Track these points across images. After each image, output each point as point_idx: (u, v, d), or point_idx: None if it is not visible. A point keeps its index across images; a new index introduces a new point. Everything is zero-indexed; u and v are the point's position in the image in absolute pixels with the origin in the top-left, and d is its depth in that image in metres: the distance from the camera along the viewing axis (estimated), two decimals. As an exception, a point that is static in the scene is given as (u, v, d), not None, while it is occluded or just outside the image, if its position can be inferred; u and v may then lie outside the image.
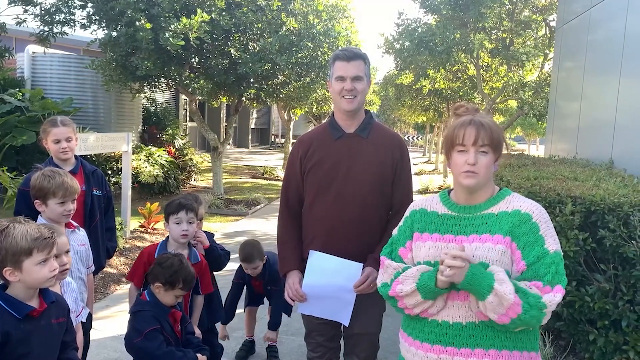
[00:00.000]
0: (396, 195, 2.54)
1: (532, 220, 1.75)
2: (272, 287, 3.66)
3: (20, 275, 1.84)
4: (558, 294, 1.66)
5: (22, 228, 1.85)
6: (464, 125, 1.80)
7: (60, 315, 2.01)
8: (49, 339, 1.93)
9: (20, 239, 1.82)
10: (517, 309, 1.63)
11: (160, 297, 2.54)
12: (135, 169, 9.66)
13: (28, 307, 1.87)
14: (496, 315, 1.67)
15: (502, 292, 1.63)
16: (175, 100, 17.08)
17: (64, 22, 9.22)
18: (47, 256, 1.87)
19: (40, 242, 1.85)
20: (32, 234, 1.84)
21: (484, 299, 1.66)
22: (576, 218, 3.28)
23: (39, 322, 1.89)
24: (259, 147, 28.71)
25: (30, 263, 1.84)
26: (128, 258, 6.19)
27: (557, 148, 7.69)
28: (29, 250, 1.83)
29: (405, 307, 1.83)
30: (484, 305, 1.67)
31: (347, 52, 2.48)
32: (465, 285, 1.69)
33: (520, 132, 32.94)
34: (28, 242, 1.83)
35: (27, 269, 1.83)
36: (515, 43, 11.93)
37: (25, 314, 1.85)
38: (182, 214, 2.83)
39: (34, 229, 1.87)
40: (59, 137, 3.13)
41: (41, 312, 1.90)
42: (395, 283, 1.84)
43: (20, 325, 1.83)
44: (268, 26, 9.21)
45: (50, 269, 1.88)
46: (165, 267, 2.53)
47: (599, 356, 3.25)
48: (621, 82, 5.55)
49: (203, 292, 2.97)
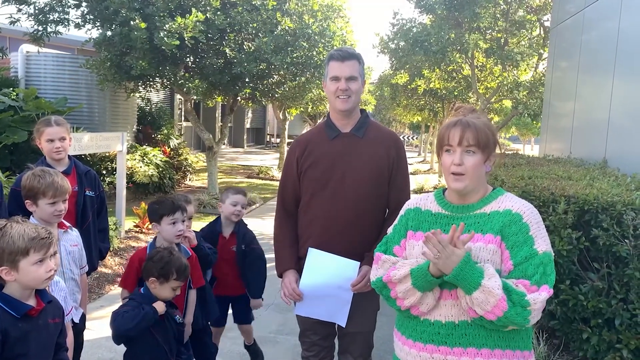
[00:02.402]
0: (393, 194, 2.55)
1: (523, 220, 1.76)
2: (246, 247, 3.39)
3: (17, 275, 1.83)
4: (544, 292, 1.66)
5: (20, 228, 1.85)
6: (450, 125, 1.82)
7: (57, 316, 2.01)
8: (45, 339, 1.93)
9: (17, 238, 1.82)
10: (502, 305, 1.64)
11: (157, 293, 2.54)
12: (130, 169, 9.63)
13: (26, 306, 1.86)
14: (482, 311, 1.68)
15: (489, 287, 1.64)
16: (170, 100, 17.04)
17: (58, 22, 9.17)
18: (43, 256, 1.86)
19: (37, 242, 1.85)
20: (29, 234, 1.84)
21: (470, 294, 1.67)
22: (569, 217, 3.29)
23: (37, 321, 1.89)
24: (254, 147, 28.68)
25: (26, 263, 1.83)
26: (123, 258, 6.17)
27: (552, 147, 7.72)
28: (26, 250, 1.83)
29: (397, 297, 1.83)
30: (471, 300, 1.68)
31: (341, 52, 2.49)
32: (452, 277, 1.68)
33: (515, 131, 33.02)
34: (25, 241, 1.83)
35: (24, 268, 1.83)
36: (509, 43, 11.97)
37: (23, 313, 1.85)
38: (178, 214, 2.83)
39: (31, 228, 1.87)
40: (52, 136, 3.12)
41: (39, 311, 1.90)
42: (390, 269, 1.85)
43: (18, 324, 1.83)
44: (263, 26, 9.20)
45: (47, 270, 1.88)
46: (156, 260, 2.53)
47: (593, 354, 3.27)
48: (615, 82, 5.58)
49: (194, 286, 2.96)
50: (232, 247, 3.37)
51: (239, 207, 3.35)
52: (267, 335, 4.33)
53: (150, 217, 2.91)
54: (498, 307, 1.64)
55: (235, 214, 3.34)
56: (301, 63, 10.31)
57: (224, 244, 3.36)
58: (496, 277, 1.66)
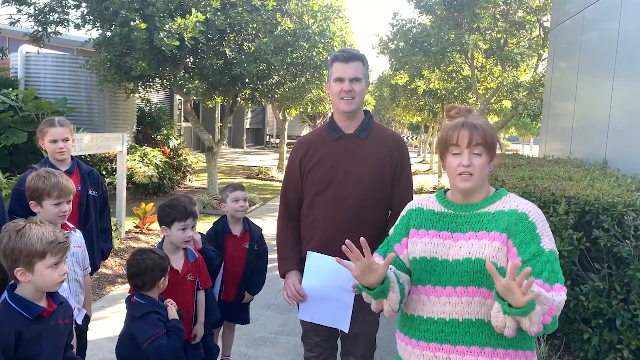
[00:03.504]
0: (395, 196, 2.55)
1: (529, 219, 1.76)
2: (258, 246, 3.44)
3: (31, 277, 1.84)
4: (562, 292, 1.64)
5: (38, 230, 1.86)
6: (457, 127, 1.81)
7: (67, 316, 2.02)
8: (56, 340, 1.94)
9: (35, 240, 1.83)
10: (553, 310, 1.58)
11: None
12: (130, 170, 9.63)
13: (39, 307, 1.87)
14: (535, 325, 1.56)
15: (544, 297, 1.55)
16: (170, 101, 17.03)
17: (58, 22, 9.16)
18: (59, 260, 1.88)
19: (54, 246, 1.86)
20: (47, 237, 1.85)
21: (528, 315, 1.53)
22: (570, 218, 3.30)
23: (49, 322, 1.90)
24: (253, 148, 28.68)
25: (42, 266, 1.84)
26: (123, 259, 6.16)
27: (551, 148, 7.73)
28: (43, 253, 1.84)
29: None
30: (529, 319, 1.54)
31: (345, 53, 2.48)
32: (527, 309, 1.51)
33: (515, 132, 33.05)
34: (43, 245, 1.84)
35: (39, 271, 1.84)
36: (509, 43, 11.98)
37: (36, 314, 1.85)
38: (189, 220, 2.80)
39: (50, 232, 1.88)
40: (56, 137, 3.12)
41: (51, 312, 1.91)
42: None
43: (31, 325, 1.84)
44: (263, 26, 9.21)
45: (61, 273, 1.89)
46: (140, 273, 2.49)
47: (594, 355, 3.27)
48: (615, 82, 5.59)
49: (202, 287, 2.97)
50: (245, 245, 3.38)
51: (241, 202, 3.34)
52: (268, 336, 4.34)
53: (161, 220, 2.85)
54: (549, 312, 1.57)
55: (239, 210, 3.34)
56: (301, 63, 10.31)
57: (235, 242, 3.36)
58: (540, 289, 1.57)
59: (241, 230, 3.39)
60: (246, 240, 3.39)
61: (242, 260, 3.37)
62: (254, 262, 3.41)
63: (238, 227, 3.40)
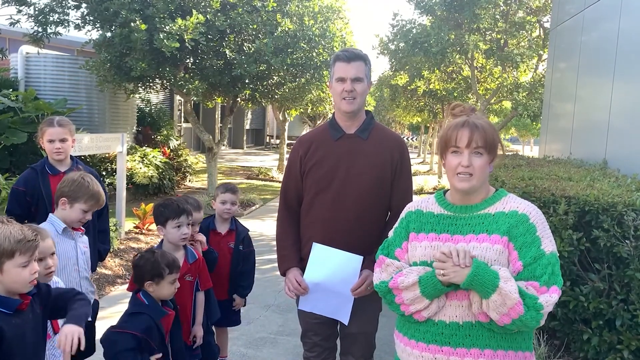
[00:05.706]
0: (395, 197, 2.54)
1: (530, 221, 1.76)
2: (244, 248, 3.45)
3: (0, 277, 1.81)
4: (554, 294, 1.67)
5: (6, 229, 1.82)
6: (457, 126, 1.80)
7: (43, 299, 1.98)
8: (38, 327, 1.95)
9: (2, 240, 1.79)
10: (519, 309, 1.64)
11: (157, 295, 2.47)
12: (130, 170, 9.63)
13: (16, 300, 1.85)
14: (498, 315, 1.66)
15: (507, 290, 1.63)
16: (170, 101, 17.04)
17: (58, 23, 9.17)
18: (29, 259, 1.84)
19: (23, 245, 1.82)
20: (15, 236, 1.81)
21: (488, 297, 1.66)
22: (570, 218, 3.30)
23: (28, 315, 1.89)
24: (253, 148, 28.68)
25: (11, 265, 1.81)
26: (123, 259, 6.17)
27: (551, 148, 7.73)
28: (12, 252, 1.80)
29: (402, 303, 1.82)
30: (487, 303, 1.67)
31: (347, 53, 2.47)
32: (467, 284, 1.68)
33: (515, 132, 33.05)
34: (11, 243, 1.80)
35: (8, 270, 1.81)
36: (509, 44, 11.98)
37: (15, 308, 1.83)
38: (183, 218, 2.82)
39: (18, 230, 1.83)
40: (53, 137, 3.13)
41: (27, 304, 1.89)
42: (397, 275, 1.84)
43: (12, 320, 1.81)
44: (263, 27, 9.21)
45: (31, 272, 1.85)
46: (143, 264, 2.47)
47: (594, 355, 3.27)
48: (615, 83, 5.58)
49: (202, 289, 2.96)
50: (230, 244, 3.39)
51: (227, 206, 3.39)
52: (268, 336, 4.33)
53: (156, 220, 2.88)
54: (514, 310, 1.64)
55: (225, 211, 3.39)
56: (301, 64, 10.31)
57: (219, 240, 3.38)
58: (512, 280, 1.66)
59: (227, 229, 3.43)
60: (231, 240, 3.42)
61: (227, 259, 3.38)
62: (240, 263, 3.42)
63: (225, 225, 3.44)
